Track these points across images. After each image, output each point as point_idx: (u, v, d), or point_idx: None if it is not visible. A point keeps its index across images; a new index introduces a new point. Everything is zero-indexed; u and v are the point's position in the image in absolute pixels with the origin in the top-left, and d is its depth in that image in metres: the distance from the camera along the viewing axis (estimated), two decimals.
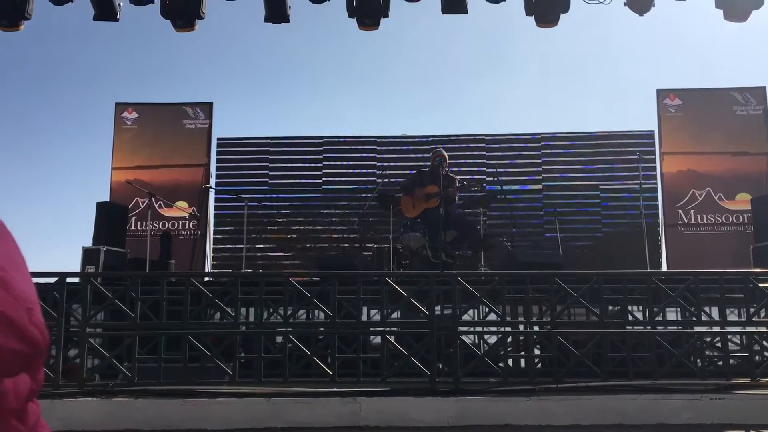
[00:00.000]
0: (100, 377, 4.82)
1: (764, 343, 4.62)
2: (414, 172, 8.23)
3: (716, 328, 4.66)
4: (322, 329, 4.89)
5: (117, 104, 10.14)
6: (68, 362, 4.72)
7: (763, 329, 4.57)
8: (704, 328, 4.56)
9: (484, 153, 10.05)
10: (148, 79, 16.77)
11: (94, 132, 17.74)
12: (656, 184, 9.51)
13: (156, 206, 9.29)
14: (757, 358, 4.53)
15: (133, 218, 9.55)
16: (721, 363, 4.98)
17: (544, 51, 17.78)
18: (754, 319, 4.41)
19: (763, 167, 9.35)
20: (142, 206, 9.34)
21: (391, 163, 9.97)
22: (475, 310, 5.22)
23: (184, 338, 4.36)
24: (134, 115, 10.04)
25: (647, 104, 9.82)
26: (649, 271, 6.96)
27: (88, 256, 8.24)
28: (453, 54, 17.89)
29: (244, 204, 8.70)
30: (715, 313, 4.64)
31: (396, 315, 5.39)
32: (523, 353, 4.77)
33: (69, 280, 4.71)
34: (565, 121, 21.61)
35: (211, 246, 9.90)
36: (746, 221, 9.14)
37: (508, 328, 4.82)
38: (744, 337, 4.77)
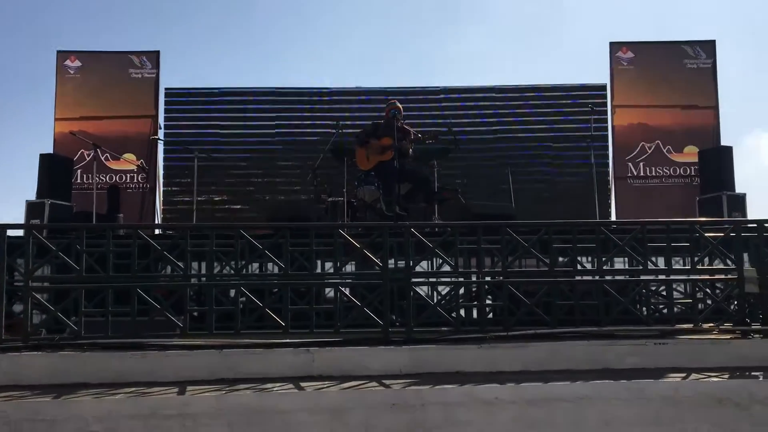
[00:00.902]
0: (47, 332, 4.71)
1: (707, 290, 4.76)
2: (369, 123, 8.14)
3: (662, 276, 4.78)
4: (275, 281, 4.84)
5: (59, 52, 9.75)
6: (13, 318, 4.59)
7: (706, 277, 4.69)
8: (650, 276, 4.66)
9: (438, 105, 10.00)
10: (92, 27, 16.11)
11: (35, 81, 17.04)
12: (607, 136, 9.62)
13: (102, 158, 9.05)
14: (700, 305, 4.66)
15: (79, 171, 9.28)
16: (665, 310, 5.14)
17: (497, 3, 17.68)
18: (698, 267, 4.52)
19: (710, 121, 9.56)
20: (87, 158, 9.08)
21: (346, 114, 9.83)
22: (429, 262, 5.24)
23: (132, 292, 4.26)
24: (77, 63, 9.66)
25: (601, 57, 9.88)
26: (598, 221, 7.08)
27: (32, 209, 8.05)
28: (406, 6, 17.65)
29: (194, 156, 8.49)
30: (661, 262, 4.75)
31: (351, 267, 5.39)
32: (475, 303, 4.83)
33: (11, 233, 4.54)
34: (518, 74, 21.67)
35: (161, 199, 9.69)
36: (693, 173, 9.37)
37: (461, 279, 4.86)
38: (688, 284, 4.89)
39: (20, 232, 4.93)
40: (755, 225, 4.52)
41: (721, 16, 16.78)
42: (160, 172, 9.74)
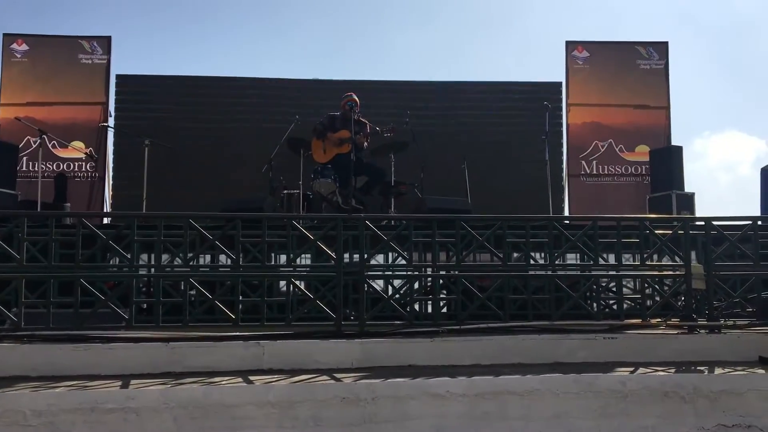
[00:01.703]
0: None
1: (656, 286, 4.84)
2: (325, 116, 8.05)
3: (612, 272, 4.83)
4: (225, 273, 4.74)
5: (5, 35, 9.42)
6: None
7: (655, 273, 4.76)
8: (601, 271, 4.71)
9: (394, 98, 9.95)
10: (40, 9, 15.61)
11: None
12: (561, 134, 9.74)
13: (50, 146, 8.77)
14: (649, 302, 4.73)
15: (25, 158, 8.99)
16: (615, 306, 5.21)
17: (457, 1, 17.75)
18: (647, 263, 4.59)
19: (662, 121, 9.76)
20: (34, 146, 8.76)
21: (302, 105, 9.71)
22: (384, 255, 5.21)
23: (76, 283, 4.12)
24: (24, 47, 9.34)
25: (556, 56, 10.01)
26: (551, 215, 7.15)
27: None
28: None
29: (144, 145, 8.28)
30: (612, 258, 4.81)
31: (306, 260, 5.32)
32: (429, 297, 4.82)
33: None
34: (477, 70, 21.80)
35: (110, 189, 9.44)
36: (644, 172, 9.56)
37: (415, 273, 4.84)
38: (637, 280, 4.96)
39: None
40: (703, 223, 4.61)
41: (672, 18, 17.16)
42: (110, 160, 9.48)
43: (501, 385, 3.63)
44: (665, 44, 9.91)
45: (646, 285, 4.72)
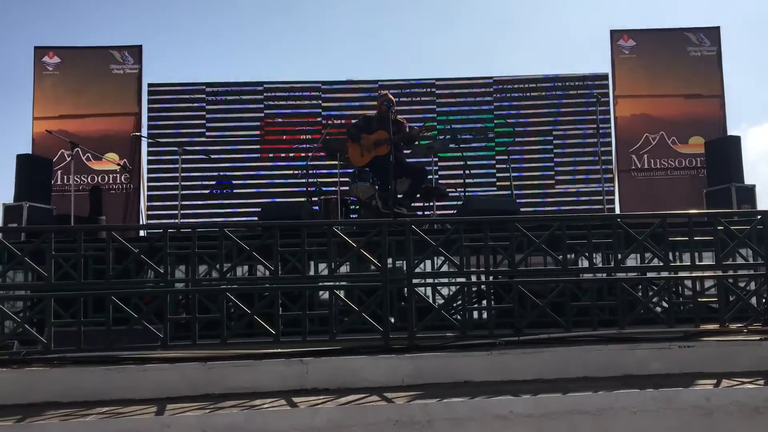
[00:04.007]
0: (20, 344, 4.33)
1: (732, 287, 4.42)
2: (360, 117, 7.78)
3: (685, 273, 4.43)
4: (264, 286, 4.47)
5: (36, 48, 9.34)
6: None
7: (734, 273, 4.36)
8: (673, 272, 4.32)
9: (433, 98, 9.63)
10: (70, 21, 15.66)
11: (12, 78, 16.56)
12: (610, 128, 9.30)
13: (83, 158, 8.67)
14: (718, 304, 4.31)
15: (59, 172, 8.90)
16: (681, 309, 4.82)
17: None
18: (723, 263, 4.18)
19: (716, 110, 9.26)
20: (68, 159, 8.65)
21: (337, 111, 9.47)
22: (430, 261, 4.89)
23: (107, 299, 3.89)
24: (56, 59, 9.26)
25: (601, 46, 9.56)
26: (615, 214, 6.74)
27: (10, 213, 7.74)
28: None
29: (179, 155, 8.09)
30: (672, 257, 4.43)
31: (345, 268, 5.03)
32: (482, 304, 4.48)
33: None
34: (518, 64, 21.35)
35: (146, 200, 9.29)
36: (699, 165, 9.08)
37: (465, 279, 4.52)
38: (698, 281, 4.56)
39: None
40: None
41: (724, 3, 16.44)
42: (144, 171, 9.34)
43: (570, 403, 3.28)
44: (717, 29, 9.40)
45: (723, 285, 4.29)
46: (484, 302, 5.01)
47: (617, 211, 8.89)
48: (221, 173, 9.39)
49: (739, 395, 3.36)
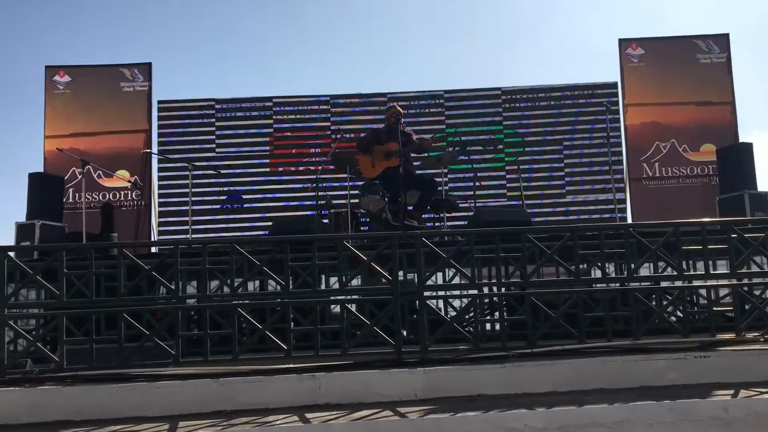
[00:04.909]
0: (33, 363, 4.33)
1: (748, 296, 4.36)
2: (370, 130, 7.79)
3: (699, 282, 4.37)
4: (274, 300, 4.46)
5: (47, 67, 9.44)
6: None
7: (755, 281, 4.30)
8: (687, 281, 4.27)
9: (441, 109, 9.63)
10: (80, 40, 15.81)
11: (23, 97, 16.72)
12: (620, 136, 9.27)
13: (95, 176, 8.72)
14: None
15: (71, 190, 8.95)
16: (696, 318, 4.76)
17: (500, 2, 17.38)
18: (738, 271, 4.13)
19: (727, 117, 9.20)
20: (79, 176, 8.70)
21: (346, 125, 9.49)
22: (441, 273, 4.86)
23: (119, 317, 3.88)
24: (66, 78, 9.34)
25: (609, 55, 9.55)
26: (627, 223, 6.69)
27: (23, 231, 7.75)
28: (402, 11, 17.38)
29: (188, 171, 8.11)
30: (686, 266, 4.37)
31: (357, 282, 5.01)
32: (494, 316, 4.44)
33: None
34: (526, 75, 21.33)
35: (157, 217, 9.33)
36: (711, 173, 9.00)
37: (476, 291, 4.48)
38: (713, 290, 4.50)
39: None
40: None
41: (731, 11, 16.39)
42: (155, 188, 9.38)
43: (586, 416, 3.24)
44: (726, 36, 9.37)
45: (739, 294, 4.24)
46: (497, 314, 4.97)
47: (629, 220, 8.85)
48: (231, 188, 9.42)
49: (757, 405, 3.30)
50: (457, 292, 4.75)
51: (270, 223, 8.05)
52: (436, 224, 7.53)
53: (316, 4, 17.88)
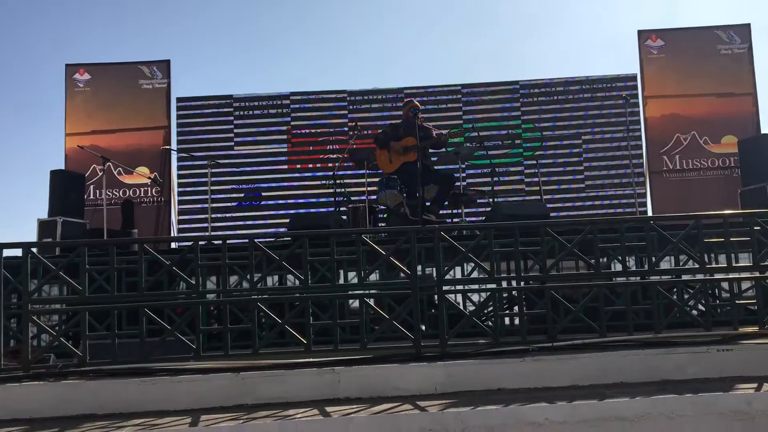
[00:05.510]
0: (56, 357, 4.40)
1: None
2: (388, 125, 7.80)
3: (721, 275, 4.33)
4: (293, 295, 4.48)
5: (67, 65, 9.53)
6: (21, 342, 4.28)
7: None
8: (709, 274, 4.23)
9: (459, 104, 9.59)
10: (99, 38, 15.94)
11: (44, 96, 16.89)
12: (640, 129, 9.17)
13: (115, 173, 8.81)
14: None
15: (92, 186, 9.03)
16: (718, 311, 4.71)
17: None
18: (761, 264, 4.08)
19: (749, 108, 9.07)
20: (99, 173, 8.78)
21: (364, 122, 9.48)
22: (460, 268, 4.86)
23: (141, 311, 3.93)
24: (86, 76, 9.43)
25: (628, 46, 9.46)
26: (647, 216, 6.63)
27: (45, 228, 7.83)
28: (415, 6, 17.32)
29: (208, 167, 8.16)
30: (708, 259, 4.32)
31: (375, 276, 5.02)
32: (514, 311, 4.43)
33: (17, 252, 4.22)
34: (544, 68, 21.15)
35: (176, 213, 9.40)
36: (733, 164, 8.89)
37: (496, 285, 4.47)
38: (735, 283, 4.46)
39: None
40: None
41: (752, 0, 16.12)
42: (175, 184, 9.45)
43: (607, 409, 3.22)
44: (747, 26, 9.23)
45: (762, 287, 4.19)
46: (516, 308, 4.96)
47: (649, 213, 8.77)
48: (250, 185, 9.46)
49: None
50: (476, 287, 4.74)
51: (288, 220, 8.07)
52: (454, 219, 7.52)
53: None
